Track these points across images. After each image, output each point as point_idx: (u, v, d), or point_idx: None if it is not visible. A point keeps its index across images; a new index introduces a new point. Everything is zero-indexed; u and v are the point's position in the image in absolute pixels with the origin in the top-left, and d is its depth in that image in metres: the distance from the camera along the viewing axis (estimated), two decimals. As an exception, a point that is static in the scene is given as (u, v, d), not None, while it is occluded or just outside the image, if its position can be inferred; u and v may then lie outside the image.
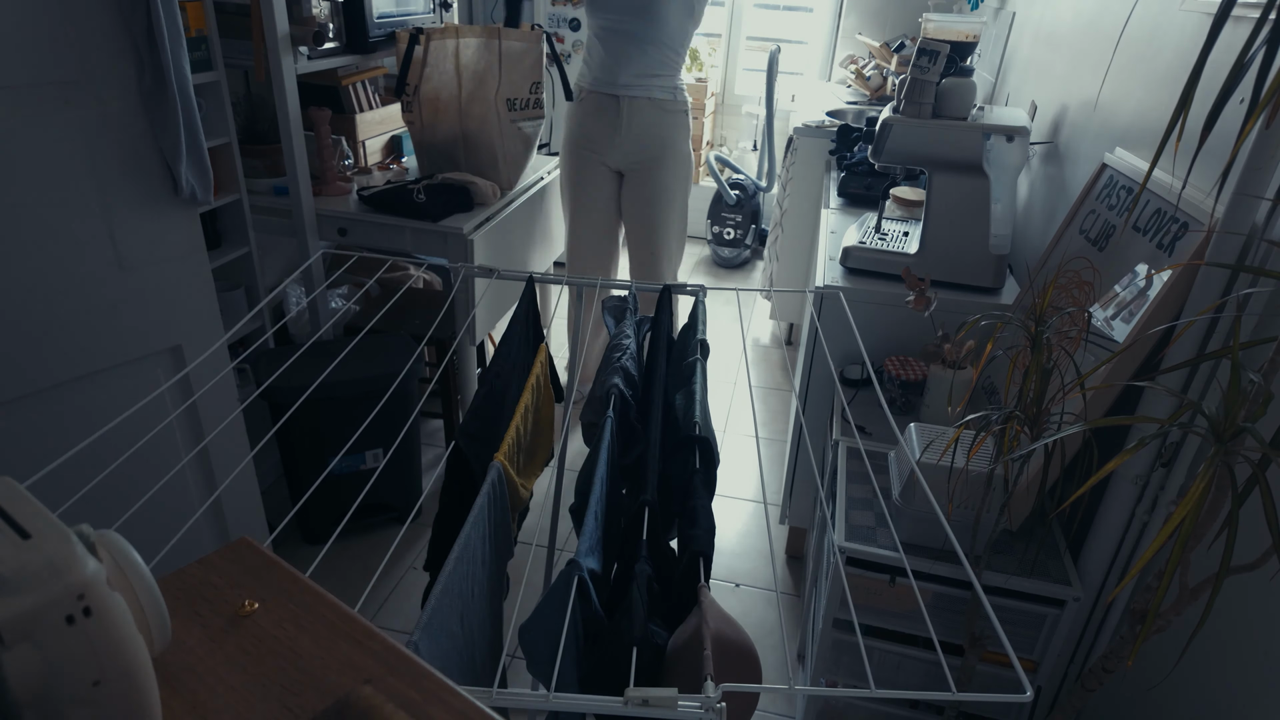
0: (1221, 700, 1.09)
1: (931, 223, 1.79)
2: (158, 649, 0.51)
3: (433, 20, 2.48)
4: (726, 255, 4.20)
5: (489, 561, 0.96)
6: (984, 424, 1.13)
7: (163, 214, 1.50)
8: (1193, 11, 1.33)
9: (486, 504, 0.94)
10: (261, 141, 2.14)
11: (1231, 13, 0.81)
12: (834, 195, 2.46)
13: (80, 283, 1.40)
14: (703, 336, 1.35)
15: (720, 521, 2.37)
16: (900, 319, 1.80)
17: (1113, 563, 1.31)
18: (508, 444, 1.04)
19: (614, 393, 1.18)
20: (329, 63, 2.11)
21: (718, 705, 0.71)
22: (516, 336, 1.35)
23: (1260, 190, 1.04)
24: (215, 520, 1.78)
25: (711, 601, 0.87)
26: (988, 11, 2.94)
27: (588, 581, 0.87)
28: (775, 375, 3.26)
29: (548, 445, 1.26)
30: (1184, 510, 0.85)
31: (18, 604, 0.41)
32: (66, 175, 1.34)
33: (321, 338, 2.16)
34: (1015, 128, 1.70)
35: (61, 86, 1.31)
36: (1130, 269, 1.33)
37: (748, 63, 4.48)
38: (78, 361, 1.43)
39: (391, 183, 2.22)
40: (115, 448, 1.05)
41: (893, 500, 1.39)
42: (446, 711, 0.52)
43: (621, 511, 1.11)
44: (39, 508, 0.45)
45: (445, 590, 0.81)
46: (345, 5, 2.10)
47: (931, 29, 2.67)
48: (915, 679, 1.46)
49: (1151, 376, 1.15)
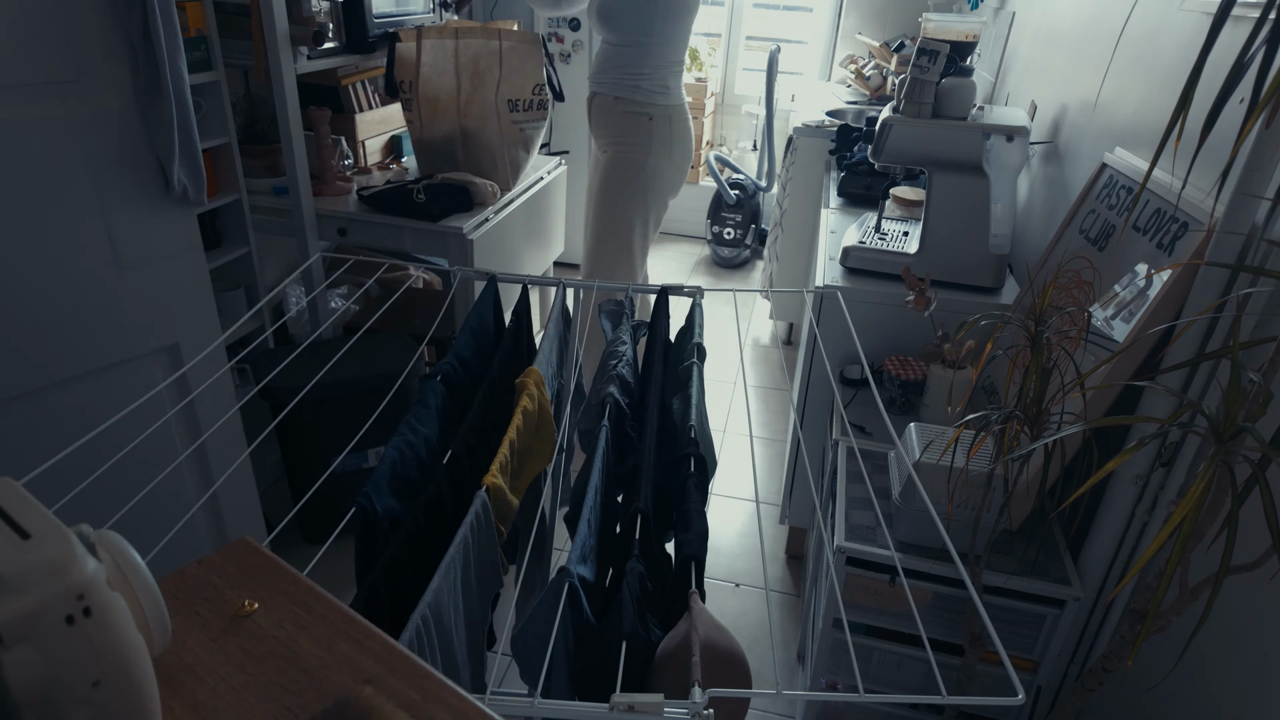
0: (1221, 700, 1.09)
1: (931, 223, 1.79)
2: (158, 649, 0.51)
3: (433, 20, 2.48)
4: (726, 255, 4.20)
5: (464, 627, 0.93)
6: (984, 424, 1.13)
7: (159, 213, 1.50)
8: (1192, 11, 1.33)
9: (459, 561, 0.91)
10: (261, 141, 2.14)
11: (1231, 13, 0.81)
12: (834, 195, 2.46)
13: (77, 281, 1.40)
14: (699, 340, 1.35)
15: (720, 521, 2.38)
16: (900, 319, 1.80)
17: (1113, 563, 1.31)
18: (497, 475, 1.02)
19: (609, 402, 1.18)
20: (329, 63, 2.11)
21: (704, 711, 0.71)
22: (471, 347, 1.33)
23: (1260, 190, 1.04)
24: (213, 520, 1.78)
25: (701, 608, 0.87)
26: (987, 11, 2.94)
27: (579, 589, 0.87)
28: (775, 375, 3.26)
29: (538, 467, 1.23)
30: (1184, 510, 0.85)
31: (18, 604, 0.41)
32: (63, 174, 1.34)
33: (321, 337, 2.16)
34: (1015, 127, 1.70)
35: (58, 86, 1.31)
36: (1130, 269, 1.33)
37: (747, 62, 4.48)
38: (75, 360, 1.43)
39: (391, 182, 2.22)
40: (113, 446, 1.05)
41: (892, 500, 1.39)
42: (446, 712, 0.52)
43: (616, 519, 1.11)
44: (39, 508, 0.45)
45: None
46: (345, 5, 2.10)
47: (931, 29, 2.67)
48: (915, 679, 1.46)
49: (1151, 376, 1.15)
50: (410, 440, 1.10)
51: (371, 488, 0.99)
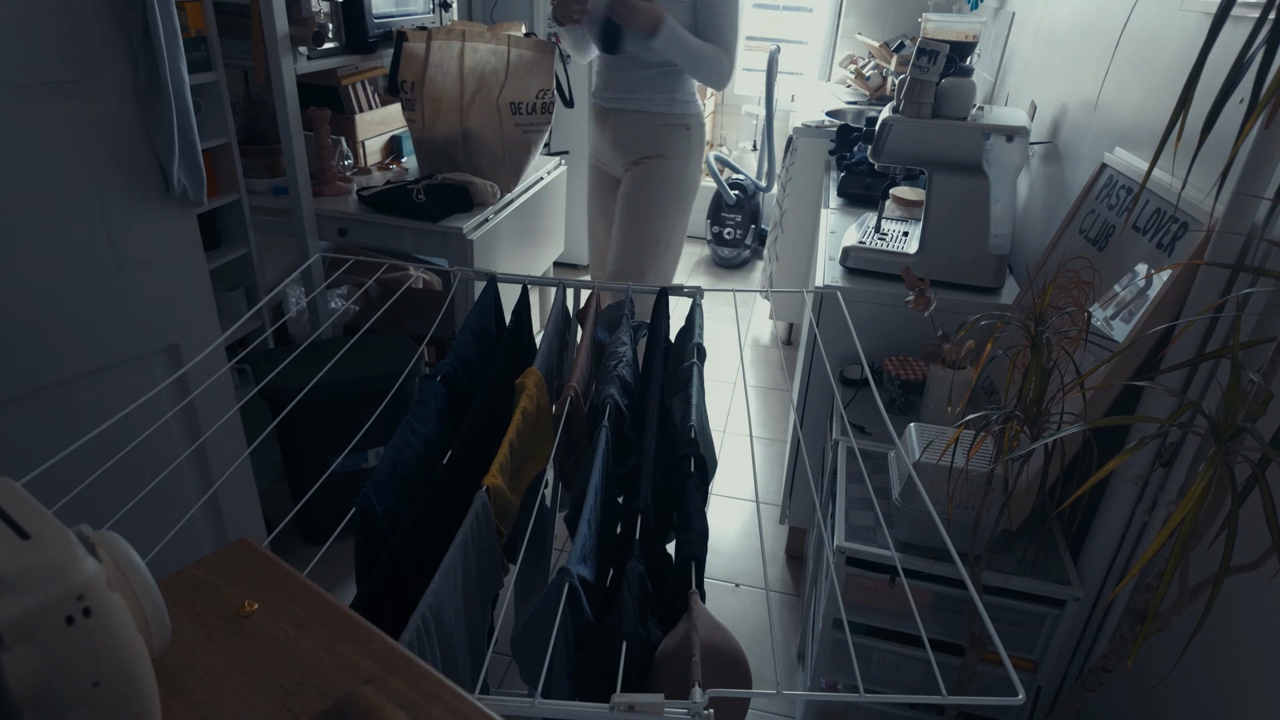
0: (1221, 700, 1.09)
1: (931, 223, 1.79)
2: (158, 649, 0.51)
3: (432, 20, 2.48)
4: (726, 255, 4.20)
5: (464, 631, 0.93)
6: (984, 424, 1.13)
7: (159, 213, 1.50)
8: (1192, 11, 1.33)
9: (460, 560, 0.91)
10: (261, 142, 2.14)
11: (1231, 13, 0.81)
12: (834, 195, 2.46)
13: (77, 281, 1.40)
14: (699, 340, 1.35)
15: (721, 521, 2.38)
16: (900, 319, 1.80)
17: (1113, 563, 1.31)
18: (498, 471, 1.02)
19: (609, 403, 1.18)
20: (329, 63, 2.11)
21: (704, 711, 0.71)
22: (471, 347, 1.33)
23: (1260, 190, 1.04)
24: (213, 520, 1.78)
25: (702, 609, 0.87)
26: (987, 11, 2.94)
27: (579, 589, 0.87)
28: (775, 375, 3.26)
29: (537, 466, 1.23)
30: (1184, 510, 0.85)
31: (18, 604, 0.41)
32: (63, 174, 1.34)
33: (321, 338, 2.16)
34: (1015, 128, 1.70)
35: (58, 86, 1.31)
36: (1130, 269, 1.33)
37: (747, 63, 4.48)
38: (75, 360, 1.43)
39: (391, 183, 2.22)
40: (113, 447, 1.05)
41: (892, 500, 1.39)
42: (446, 712, 0.52)
43: (616, 520, 1.11)
44: (39, 508, 0.45)
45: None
46: (345, 5, 2.10)
47: (931, 29, 2.67)
48: (915, 679, 1.46)
49: (1151, 376, 1.15)
50: (410, 440, 1.10)
51: (371, 488, 0.99)
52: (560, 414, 1.17)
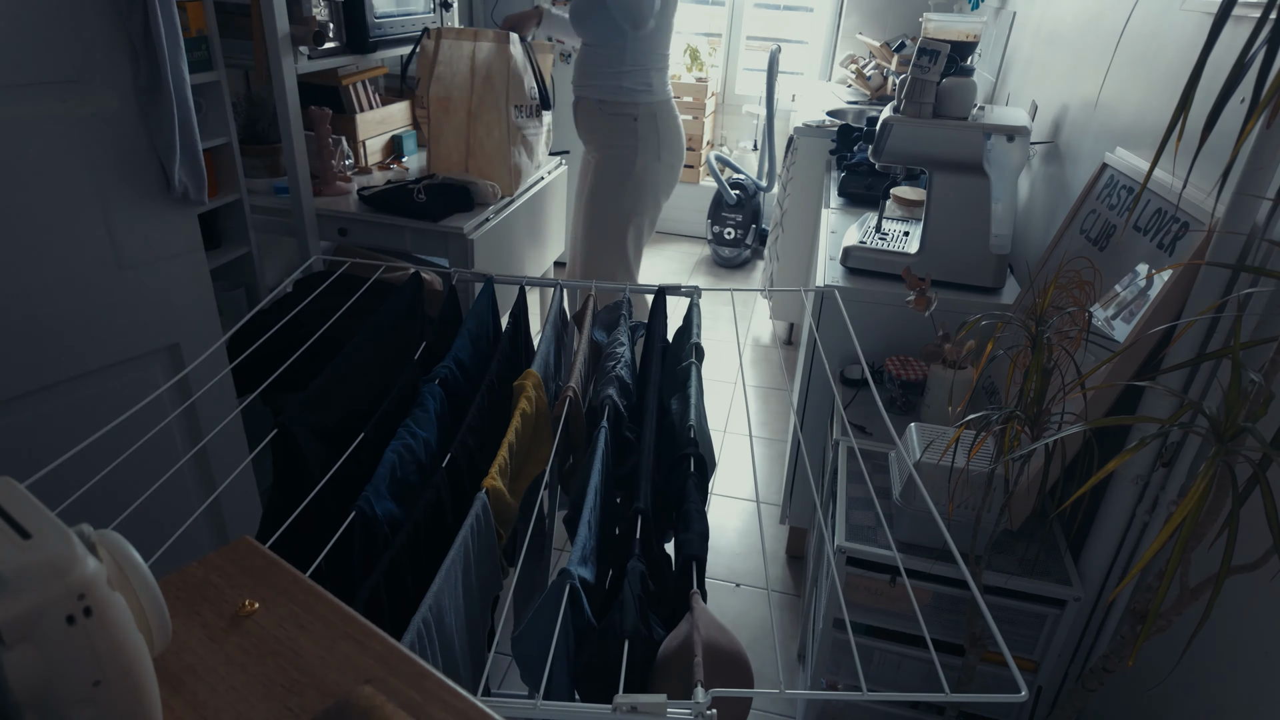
0: (1222, 700, 1.08)
1: (932, 222, 1.79)
2: (158, 649, 0.51)
3: (433, 20, 2.48)
4: (727, 255, 4.20)
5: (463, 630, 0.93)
6: (984, 424, 1.13)
7: (160, 213, 1.50)
8: (1193, 11, 1.33)
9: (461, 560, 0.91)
10: (261, 141, 2.14)
11: (1231, 13, 0.81)
12: (834, 195, 2.46)
13: (78, 281, 1.40)
14: (697, 340, 1.35)
15: (721, 521, 2.38)
16: (901, 319, 1.80)
17: (1113, 563, 1.31)
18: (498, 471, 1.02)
19: (608, 404, 1.18)
20: (329, 63, 2.11)
21: (707, 711, 0.71)
22: (469, 349, 1.33)
23: (1261, 190, 1.04)
24: (214, 520, 1.78)
25: (703, 609, 0.87)
26: (988, 11, 2.94)
27: (580, 591, 0.87)
28: (775, 375, 3.26)
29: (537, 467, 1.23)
30: (1184, 510, 0.85)
31: (18, 604, 0.41)
32: (63, 174, 1.34)
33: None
34: (1015, 127, 1.70)
35: (58, 86, 1.31)
36: (1131, 269, 1.32)
37: (748, 62, 4.48)
38: (75, 360, 1.43)
39: (392, 182, 2.22)
40: (114, 447, 1.05)
41: (893, 500, 1.39)
42: (447, 712, 0.52)
43: (616, 520, 1.11)
44: (39, 508, 0.45)
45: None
46: (345, 5, 2.10)
47: (932, 29, 2.67)
48: (915, 679, 1.46)
49: (1152, 376, 1.15)
50: (409, 443, 1.10)
51: (371, 491, 0.99)
52: (559, 415, 1.17)
